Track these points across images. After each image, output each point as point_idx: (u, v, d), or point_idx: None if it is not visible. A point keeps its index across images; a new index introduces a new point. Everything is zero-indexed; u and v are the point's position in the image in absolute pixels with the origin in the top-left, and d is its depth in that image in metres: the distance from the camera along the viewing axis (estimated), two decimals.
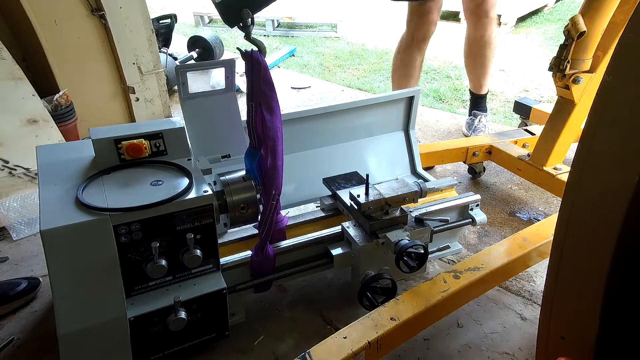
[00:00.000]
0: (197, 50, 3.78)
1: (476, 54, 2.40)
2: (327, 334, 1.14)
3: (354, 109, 1.68)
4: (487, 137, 2.15)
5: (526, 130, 2.21)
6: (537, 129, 2.16)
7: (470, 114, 2.67)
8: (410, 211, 1.44)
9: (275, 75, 3.87)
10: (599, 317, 0.84)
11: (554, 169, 1.83)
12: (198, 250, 1.13)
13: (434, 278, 1.29)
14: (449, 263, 1.67)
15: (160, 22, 3.54)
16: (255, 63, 1.18)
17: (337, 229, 1.42)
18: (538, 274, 1.60)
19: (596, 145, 0.79)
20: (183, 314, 1.12)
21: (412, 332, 1.27)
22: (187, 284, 1.17)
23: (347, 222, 1.41)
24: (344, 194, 1.47)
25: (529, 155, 1.92)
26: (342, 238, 1.42)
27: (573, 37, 1.57)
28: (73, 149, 1.29)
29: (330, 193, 1.55)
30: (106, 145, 1.18)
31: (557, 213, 0.88)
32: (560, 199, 0.89)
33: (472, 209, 1.58)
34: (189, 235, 1.10)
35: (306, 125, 1.64)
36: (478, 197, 1.58)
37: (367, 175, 1.36)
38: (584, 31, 1.56)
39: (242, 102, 2.60)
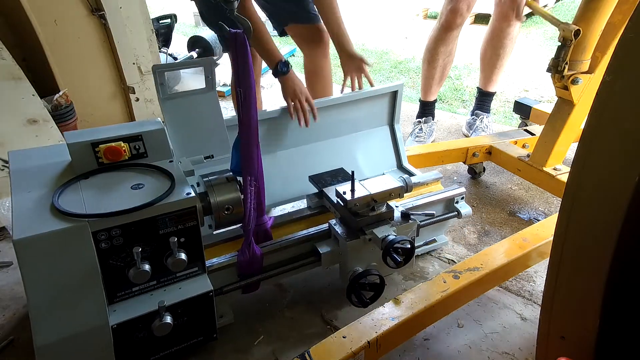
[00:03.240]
0: (197, 50, 3.78)
1: (496, 46, 2.39)
2: (327, 334, 1.14)
3: (339, 104, 1.68)
4: (487, 138, 2.15)
5: (526, 130, 2.21)
6: (537, 129, 2.16)
7: (472, 114, 2.66)
8: (397, 206, 1.43)
9: None
10: (599, 317, 0.84)
11: (554, 169, 1.83)
12: (182, 254, 1.10)
13: (434, 278, 1.30)
14: (448, 263, 1.67)
15: (160, 22, 3.55)
16: (240, 47, 1.13)
17: (324, 226, 1.42)
18: (538, 274, 1.60)
19: (596, 145, 0.79)
20: (168, 319, 1.09)
21: (411, 332, 1.27)
22: (172, 288, 1.14)
23: (334, 220, 1.41)
24: (330, 191, 1.46)
25: (528, 155, 1.92)
26: (329, 235, 1.42)
27: (570, 37, 1.57)
28: (48, 153, 1.23)
29: (317, 190, 1.55)
30: (83, 149, 1.13)
31: (557, 213, 0.88)
32: (560, 199, 0.89)
33: (457, 202, 1.59)
34: (172, 239, 1.07)
35: (291, 123, 1.63)
36: (463, 189, 1.60)
37: (353, 172, 1.35)
38: (579, 29, 1.56)
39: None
